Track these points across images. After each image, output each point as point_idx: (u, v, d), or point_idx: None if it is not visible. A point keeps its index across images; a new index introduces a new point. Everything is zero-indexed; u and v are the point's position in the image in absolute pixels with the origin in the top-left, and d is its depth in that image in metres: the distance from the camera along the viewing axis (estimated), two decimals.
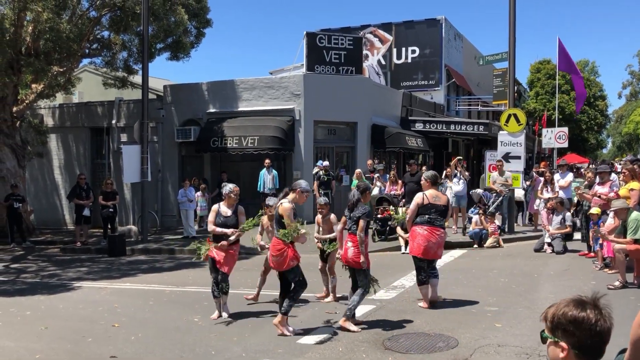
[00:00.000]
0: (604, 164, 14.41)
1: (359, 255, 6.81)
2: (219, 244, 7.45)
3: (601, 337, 1.93)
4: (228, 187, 7.70)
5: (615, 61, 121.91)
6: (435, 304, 7.69)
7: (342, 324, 6.71)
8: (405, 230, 10.75)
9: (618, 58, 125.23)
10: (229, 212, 7.62)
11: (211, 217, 7.66)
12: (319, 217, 8.45)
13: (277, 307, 8.00)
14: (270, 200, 8.61)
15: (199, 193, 16.76)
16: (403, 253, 12.18)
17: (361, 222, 6.81)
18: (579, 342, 1.93)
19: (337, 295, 8.33)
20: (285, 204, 6.68)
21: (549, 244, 11.95)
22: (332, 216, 8.35)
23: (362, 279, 6.93)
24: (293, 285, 6.74)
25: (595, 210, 10.34)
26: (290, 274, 6.72)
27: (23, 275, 11.84)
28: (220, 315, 7.59)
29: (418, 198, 7.81)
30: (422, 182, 8.18)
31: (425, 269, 7.72)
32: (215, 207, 7.75)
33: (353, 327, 6.68)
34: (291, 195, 6.83)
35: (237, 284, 9.64)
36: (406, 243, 11.18)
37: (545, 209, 12.59)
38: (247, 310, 7.95)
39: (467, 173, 15.24)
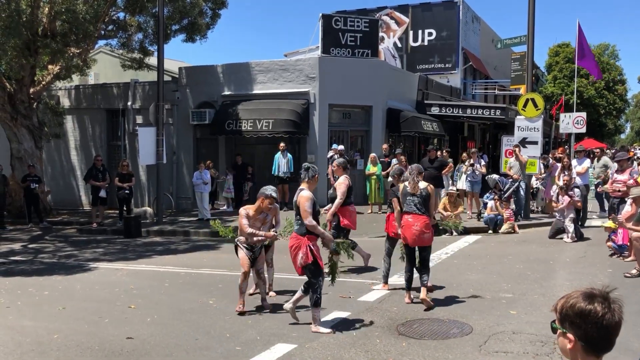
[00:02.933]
0: (623, 150, 14.20)
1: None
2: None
3: (608, 330, 1.94)
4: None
5: (636, 45, 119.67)
6: None
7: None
8: None
9: (639, 41, 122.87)
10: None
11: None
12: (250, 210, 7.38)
13: (290, 292, 8.06)
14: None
15: (229, 176, 17.13)
16: None
17: None
18: (586, 334, 1.95)
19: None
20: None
21: (564, 230, 11.82)
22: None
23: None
24: (424, 261, 7.27)
25: (609, 224, 10.02)
26: (429, 249, 7.37)
27: (41, 256, 12.01)
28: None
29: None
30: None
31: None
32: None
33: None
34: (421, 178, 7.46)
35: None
36: None
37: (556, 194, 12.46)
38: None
39: (483, 169, 15.08)
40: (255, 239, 7.12)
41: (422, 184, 7.27)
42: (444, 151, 17.52)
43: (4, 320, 6.97)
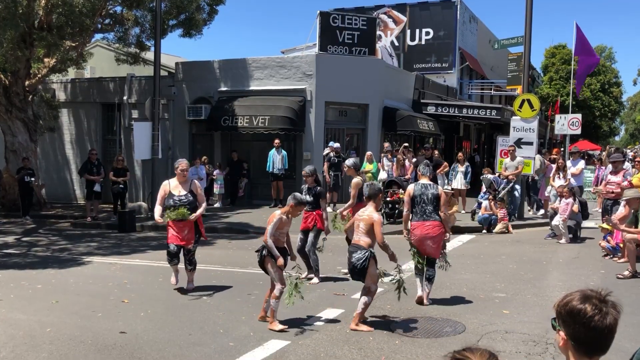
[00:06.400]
0: (618, 152, 14.27)
1: None
2: None
3: (596, 332, 1.94)
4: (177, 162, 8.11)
5: (631, 47, 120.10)
6: None
7: None
8: None
9: (634, 44, 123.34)
10: (182, 191, 7.88)
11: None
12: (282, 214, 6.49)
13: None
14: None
15: (217, 171, 17.10)
16: None
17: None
18: (575, 333, 1.97)
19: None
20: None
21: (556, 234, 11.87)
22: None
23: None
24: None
25: (606, 225, 10.18)
26: None
27: (34, 249, 11.97)
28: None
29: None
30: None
31: None
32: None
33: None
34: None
35: (246, 263, 9.72)
36: None
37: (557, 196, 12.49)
38: (255, 290, 8.00)
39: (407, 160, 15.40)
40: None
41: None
42: (436, 151, 17.52)
43: None
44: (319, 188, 8.52)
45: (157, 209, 7.87)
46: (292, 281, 6.22)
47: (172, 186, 7.92)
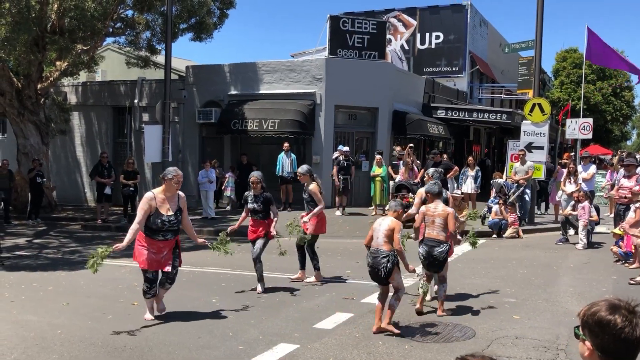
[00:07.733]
0: (630, 156, 14.15)
1: None
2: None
3: (626, 344, 1.89)
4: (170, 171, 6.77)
5: None
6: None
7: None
8: None
9: None
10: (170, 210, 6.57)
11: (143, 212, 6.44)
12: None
13: (291, 291, 8.08)
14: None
15: (230, 173, 17.18)
16: None
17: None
18: (603, 344, 1.92)
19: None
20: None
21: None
22: None
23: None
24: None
25: (618, 230, 10.14)
26: None
27: (45, 251, 12.05)
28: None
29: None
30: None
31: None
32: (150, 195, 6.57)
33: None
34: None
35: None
36: None
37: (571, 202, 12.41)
38: (264, 294, 8.00)
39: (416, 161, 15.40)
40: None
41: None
42: (444, 156, 17.50)
43: (8, 314, 7.00)
44: (266, 194, 8.21)
45: (134, 228, 6.48)
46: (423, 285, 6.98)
47: (158, 201, 6.54)
